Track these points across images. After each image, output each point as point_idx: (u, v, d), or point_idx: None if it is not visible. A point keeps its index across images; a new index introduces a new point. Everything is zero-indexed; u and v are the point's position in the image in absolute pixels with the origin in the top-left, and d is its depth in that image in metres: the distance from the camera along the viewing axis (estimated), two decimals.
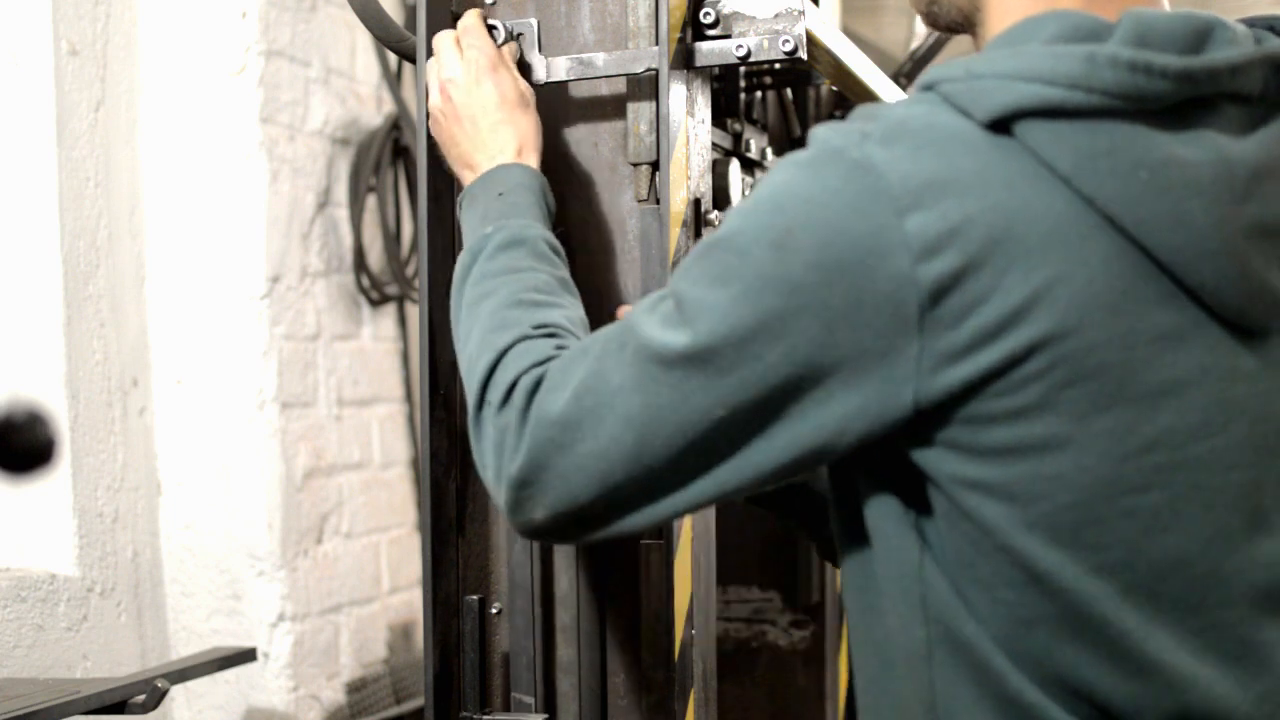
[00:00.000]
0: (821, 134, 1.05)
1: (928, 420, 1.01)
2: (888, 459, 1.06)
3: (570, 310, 1.32)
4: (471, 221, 1.43)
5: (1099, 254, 0.99)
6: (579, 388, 1.11)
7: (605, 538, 1.15)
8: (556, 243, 1.41)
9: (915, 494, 1.06)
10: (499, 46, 1.55)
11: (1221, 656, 1.04)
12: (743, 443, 1.06)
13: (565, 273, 1.38)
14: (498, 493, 1.16)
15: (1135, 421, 1.00)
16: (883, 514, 1.09)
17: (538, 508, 1.13)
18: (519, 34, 1.61)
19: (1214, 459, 1.02)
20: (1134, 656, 1.02)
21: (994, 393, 0.99)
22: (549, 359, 1.19)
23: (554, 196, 1.49)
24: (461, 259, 1.39)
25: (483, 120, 1.48)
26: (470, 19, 1.55)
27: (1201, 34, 1.03)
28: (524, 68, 1.60)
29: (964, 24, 1.16)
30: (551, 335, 1.26)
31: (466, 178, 1.49)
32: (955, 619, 1.05)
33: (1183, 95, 1.01)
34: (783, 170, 1.06)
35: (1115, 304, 0.99)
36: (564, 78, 1.60)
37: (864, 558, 1.12)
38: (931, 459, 1.03)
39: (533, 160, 1.48)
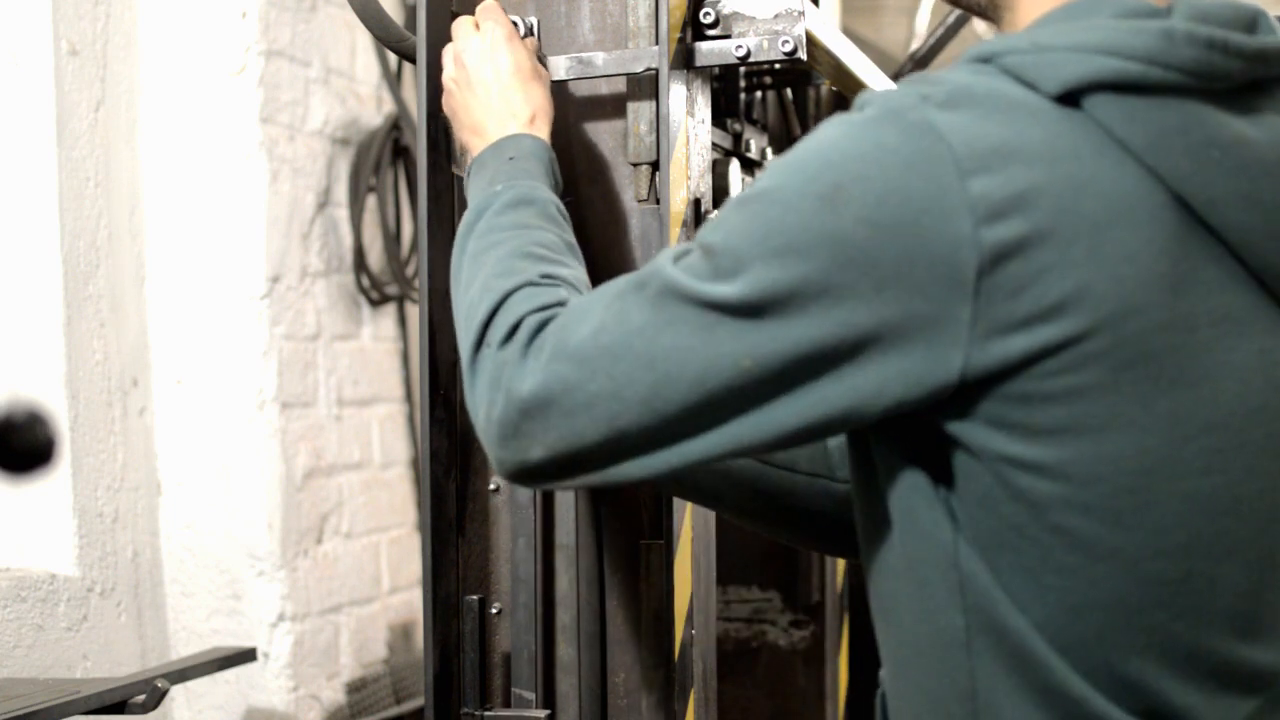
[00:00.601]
0: (875, 96, 1.02)
1: (975, 393, 0.99)
2: (922, 435, 1.03)
3: (578, 271, 1.29)
4: (479, 184, 1.40)
5: (1166, 232, 0.98)
6: (597, 325, 1.07)
7: (602, 483, 1.12)
8: (564, 209, 1.39)
9: (949, 473, 1.03)
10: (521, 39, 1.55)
11: (1266, 637, 1.04)
12: (767, 398, 1.02)
13: (572, 238, 1.36)
14: (489, 429, 1.12)
15: (1196, 404, 0.99)
16: (913, 495, 1.05)
17: (535, 446, 1.09)
18: (537, 30, 1.61)
19: (1270, 443, 1.02)
20: (1185, 642, 1.01)
21: (1052, 370, 0.96)
22: (556, 303, 1.16)
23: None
24: (466, 215, 1.36)
25: (495, 86, 1.47)
26: (489, 3, 1.55)
27: (1250, 21, 1.03)
28: (542, 63, 1.60)
29: (987, 7, 1.14)
30: (558, 285, 1.22)
31: (475, 145, 1.46)
32: (996, 606, 1.02)
33: (1252, 75, 1.01)
34: (832, 128, 1.02)
35: (1180, 285, 0.98)
36: (564, 77, 1.60)
37: (891, 542, 1.09)
38: (978, 436, 1.00)
39: (543, 132, 1.46)
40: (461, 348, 1.20)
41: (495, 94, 1.47)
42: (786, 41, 1.55)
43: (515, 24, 1.58)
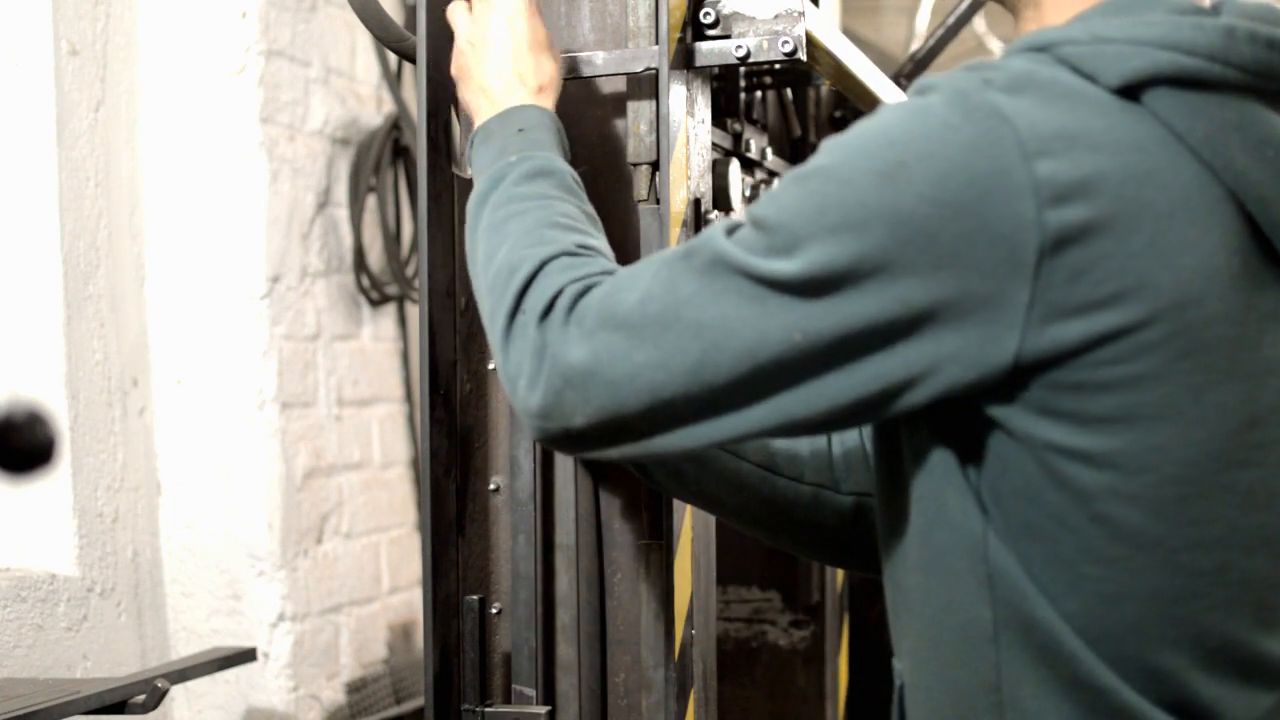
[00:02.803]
0: (936, 80, 1.02)
1: (1026, 378, 0.98)
2: (960, 422, 1.03)
3: (605, 243, 1.28)
4: (487, 155, 1.37)
5: (1223, 227, 0.99)
6: (644, 294, 1.06)
7: (643, 455, 1.10)
8: (580, 181, 1.37)
9: (986, 462, 1.03)
10: None
11: None
12: (817, 373, 1.01)
13: (591, 210, 1.34)
14: (529, 398, 1.10)
15: (1243, 397, 1.00)
16: (944, 485, 1.05)
17: (577, 415, 1.08)
18: None
19: None
20: (1216, 634, 1.02)
21: (1107, 359, 0.97)
22: (597, 273, 1.15)
23: None
24: (479, 185, 1.34)
25: (508, 50, 1.43)
26: None
27: None
28: None
29: None
30: (594, 256, 1.21)
31: (481, 108, 1.42)
32: (1025, 599, 1.02)
33: None
34: (892, 110, 1.02)
35: (1234, 279, 0.99)
36: (563, 76, 1.60)
37: (916, 534, 1.08)
38: (1025, 423, 1.00)
39: (549, 104, 1.44)
40: (491, 316, 1.19)
41: (508, 57, 1.43)
42: (786, 42, 1.55)
43: None
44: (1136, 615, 1.01)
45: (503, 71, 1.43)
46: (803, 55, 1.56)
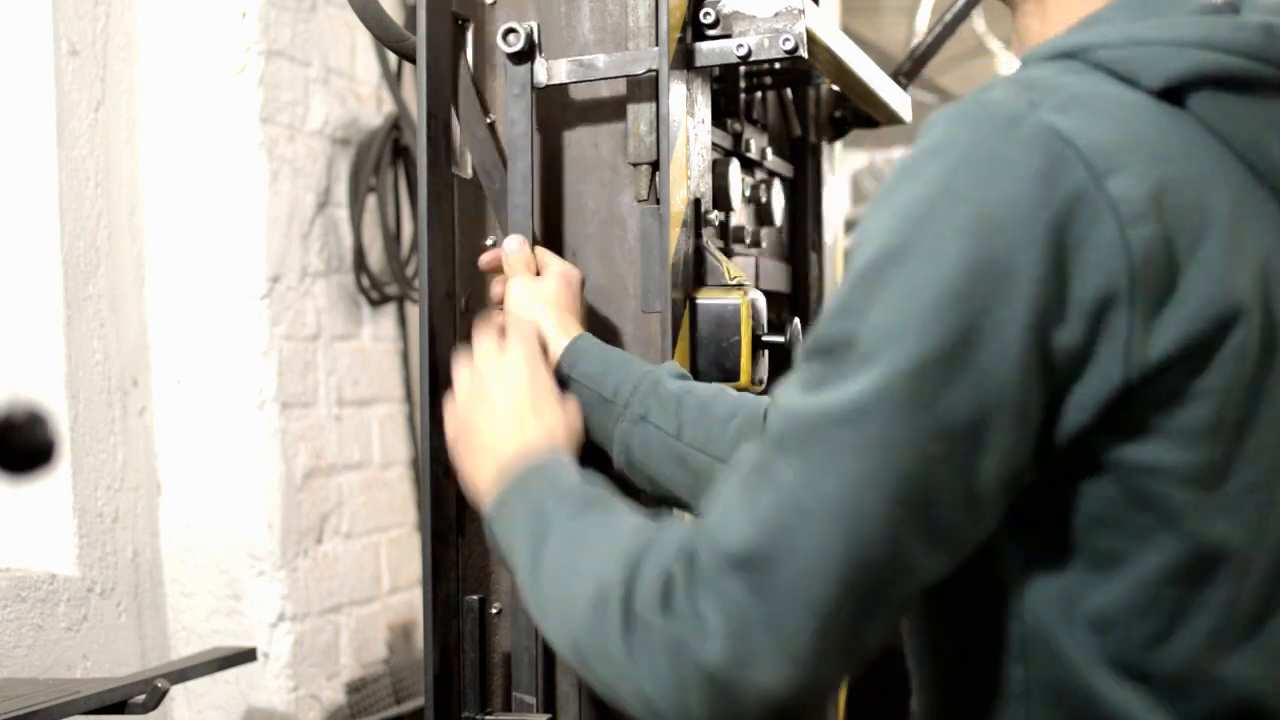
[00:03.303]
0: (977, 109, 0.94)
1: (1124, 404, 0.93)
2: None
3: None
4: (520, 518, 1.18)
5: (1274, 229, 0.98)
6: (751, 518, 0.91)
7: (853, 671, 0.95)
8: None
9: (1043, 510, 0.96)
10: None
11: None
12: (963, 475, 0.90)
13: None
14: (691, 702, 0.92)
15: None
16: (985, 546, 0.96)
17: (752, 694, 0.90)
18: (538, 34, 1.59)
19: None
20: (1271, 648, 0.99)
21: (1195, 370, 0.93)
22: (689, 537, 0.96)
23: (554, 196, 1.47)
24: (522, 553, 1.14)
25: (509, 412, 1.33)
26: (522, 321, 1.44)
27: None
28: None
29: None
30: (669, 529, 1.02)
31: (487, 469, 1.28)
32: (1060, 656, 0.97)
33: None
34: (938, 158, 0.93)
35: None
36: (565, 80, 1.60)
37: (942, 587, 0.97)
38: (1114, 450, 0.94)
39: (561, 449, 1.28)
40: (594, 642, 0.99)
41: (510, 417, 1.32)
42: (788, 40, 1.55)
43: (513, 31, 1.57)
44: (1204, 632, 0.97)
45: (506, 434, 1.31)
46: (804, 52, 1.56)
